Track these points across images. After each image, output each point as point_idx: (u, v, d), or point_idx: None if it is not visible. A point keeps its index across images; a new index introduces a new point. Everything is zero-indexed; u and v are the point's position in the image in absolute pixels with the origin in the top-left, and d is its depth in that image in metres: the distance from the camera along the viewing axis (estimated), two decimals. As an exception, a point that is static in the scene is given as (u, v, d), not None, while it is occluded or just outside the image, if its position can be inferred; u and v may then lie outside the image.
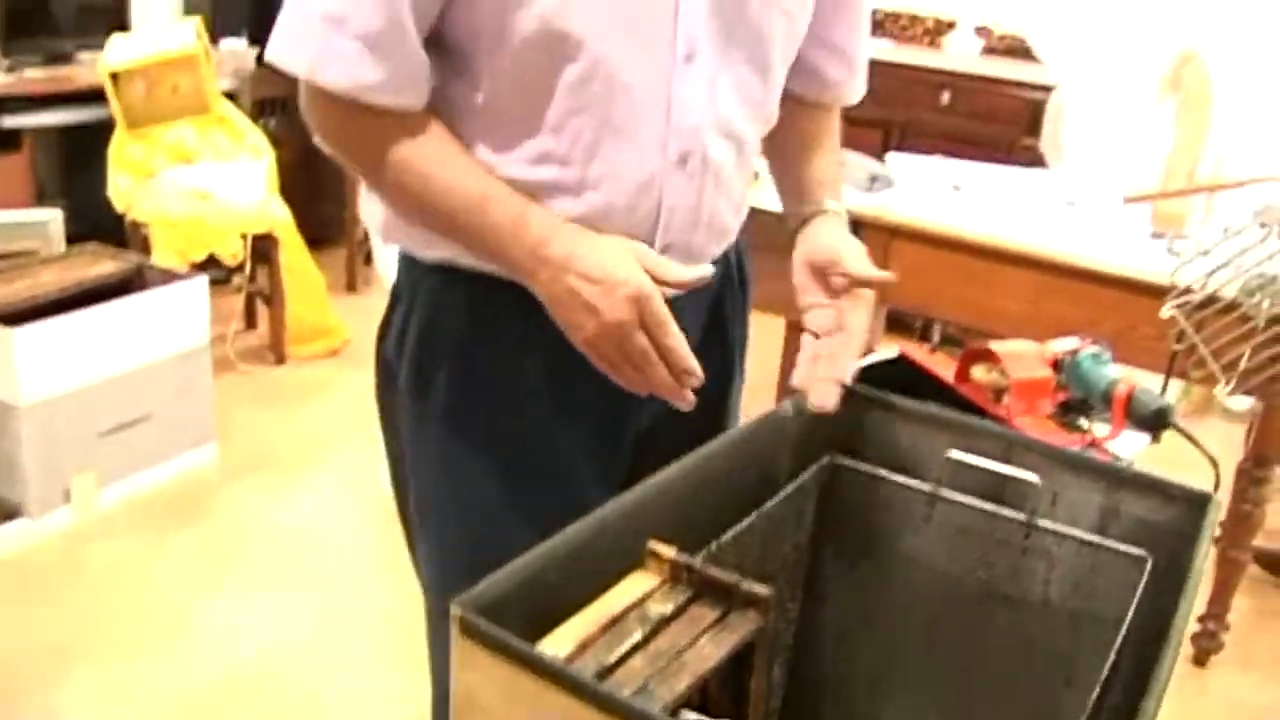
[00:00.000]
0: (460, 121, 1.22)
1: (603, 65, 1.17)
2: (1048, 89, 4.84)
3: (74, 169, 4.18)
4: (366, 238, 4.85)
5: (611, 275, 1.14)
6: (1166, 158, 4.79)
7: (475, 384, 1.30)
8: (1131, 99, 4.86)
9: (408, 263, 1.34)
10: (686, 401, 1.19)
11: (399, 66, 1.15)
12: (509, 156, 1.22)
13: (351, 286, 4.84)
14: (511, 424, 1.31)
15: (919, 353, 1.50)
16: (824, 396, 1.22)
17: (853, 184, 3.17)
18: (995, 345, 1.53)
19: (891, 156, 3.30)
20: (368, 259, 4.91)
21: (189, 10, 4.77)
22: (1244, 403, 3.66)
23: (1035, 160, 4.71)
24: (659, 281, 1.16)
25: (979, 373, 1.54)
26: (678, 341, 1.16)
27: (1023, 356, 1.53)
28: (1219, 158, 4.55)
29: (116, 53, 3.92)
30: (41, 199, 4.04)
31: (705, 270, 1.20)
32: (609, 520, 0.97)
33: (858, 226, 2.87)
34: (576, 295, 1.16)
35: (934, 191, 3.08)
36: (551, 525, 0.95)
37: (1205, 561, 1.04)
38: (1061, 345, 1.56)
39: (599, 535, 0.95)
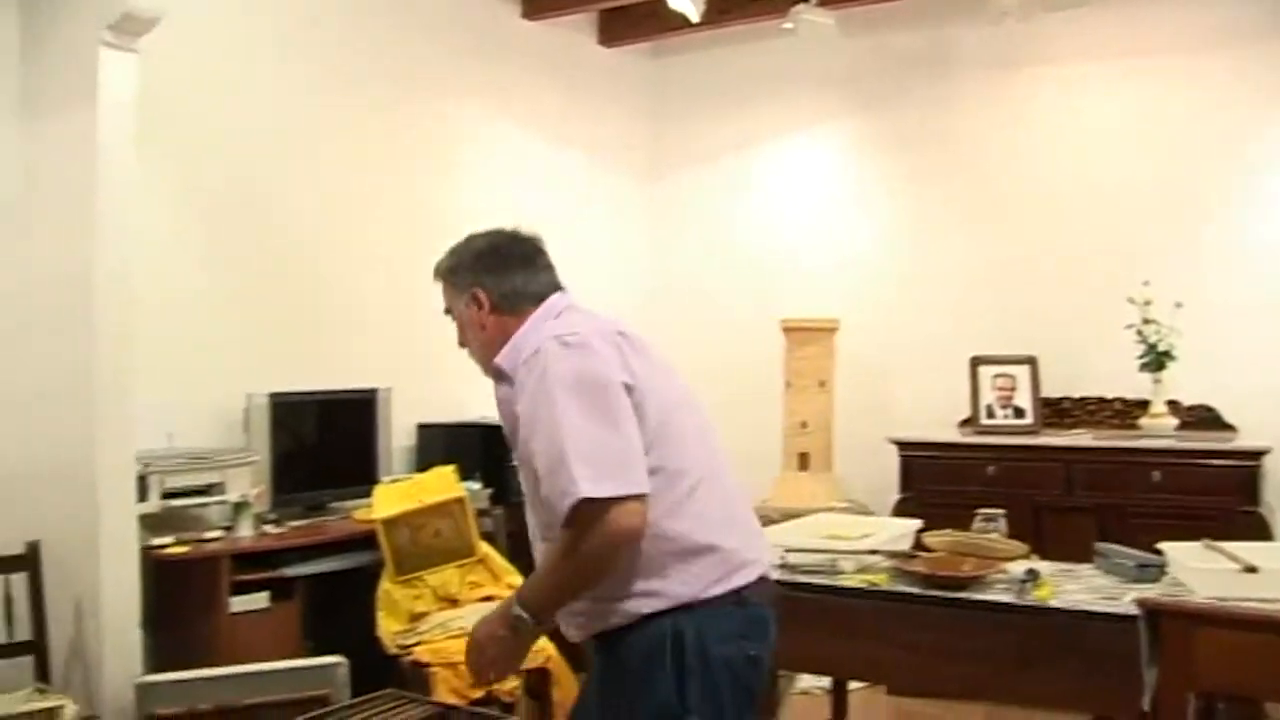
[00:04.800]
0: None
1: None
2: (1258, 454, 4.88)
3: (334, 615, 4.36)
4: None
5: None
6: None
7: None
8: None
9: None
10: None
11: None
12: None
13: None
14: None
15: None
16: None
17: (1120, 575, 3.19)
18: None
19: (1165, 546, 3.29)
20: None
21: (423, 461, 5.10)
22: None
23: (1258, 527, 4.70)
24: None
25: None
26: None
27: None
28: None
29: (383, 503, 4.19)
30: (306, 645, 4.20)
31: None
32: None
33: (1154, 615, 2.89)
34: None
35: (1227, 575, 3.01)
36: None
37: None
38: None
39: None
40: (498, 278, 2.41)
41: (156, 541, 4.02)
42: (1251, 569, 2.96)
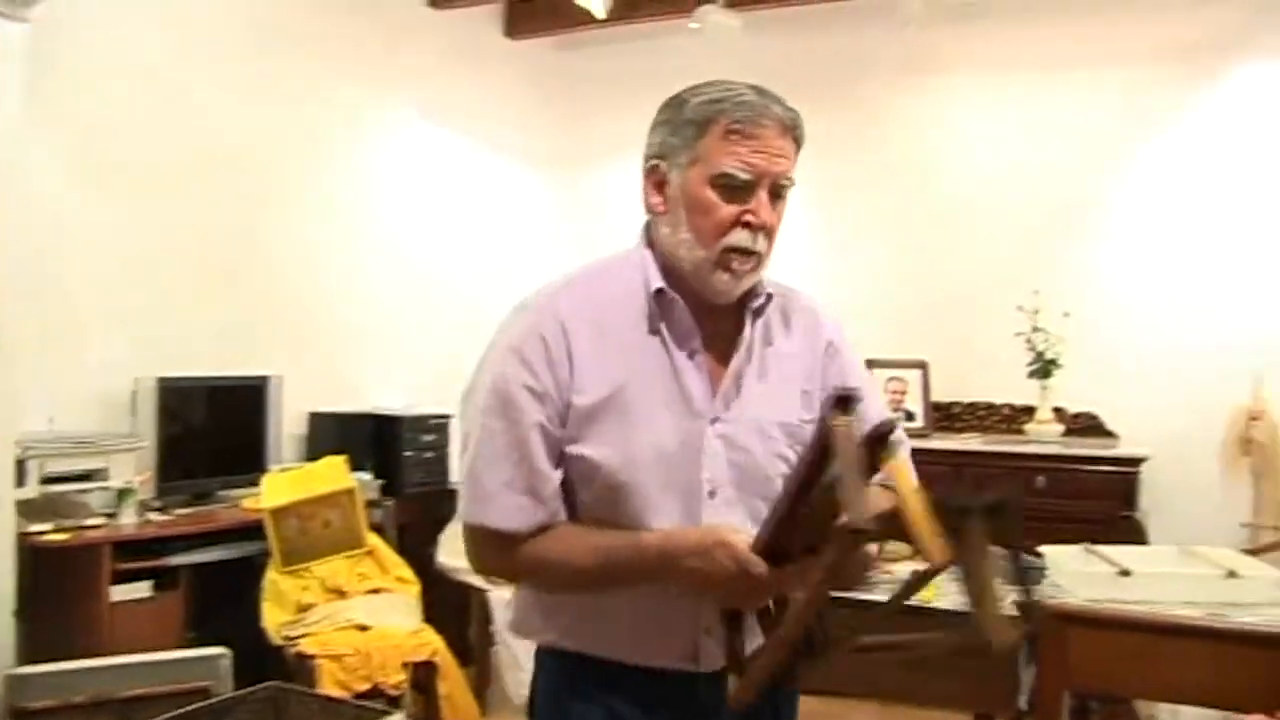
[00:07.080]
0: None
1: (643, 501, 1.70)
2: (1137, 461, 5.04)
3: (219, 605, 4.29)
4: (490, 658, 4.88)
5: (701, 544, 1.60)
6: (1251, 515, 4.98)
7: None
8: (1207, 462, 5.10)
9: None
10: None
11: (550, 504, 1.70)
12: None
13: (482, 710, 4.80)
14: None
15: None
16: None
17: (1002, 577, 3.24)
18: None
19: (1046, 549, 3.37)
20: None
21: (314, 450, 5.04)
22: None
23: (1135, 531, 4.85)
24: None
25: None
26: (758, 568, 1.56)
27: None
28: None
29: (271, 492, 4.13)
30: (189, 636, 4.13)
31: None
32: None
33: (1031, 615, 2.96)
34: (693, 571, 1.59)
35: (1103, 577, 3.10)
36: None
37: None
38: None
39: None
40: None
41: (35, 528, 3.90)
42: (1125, 572, 3.05)
